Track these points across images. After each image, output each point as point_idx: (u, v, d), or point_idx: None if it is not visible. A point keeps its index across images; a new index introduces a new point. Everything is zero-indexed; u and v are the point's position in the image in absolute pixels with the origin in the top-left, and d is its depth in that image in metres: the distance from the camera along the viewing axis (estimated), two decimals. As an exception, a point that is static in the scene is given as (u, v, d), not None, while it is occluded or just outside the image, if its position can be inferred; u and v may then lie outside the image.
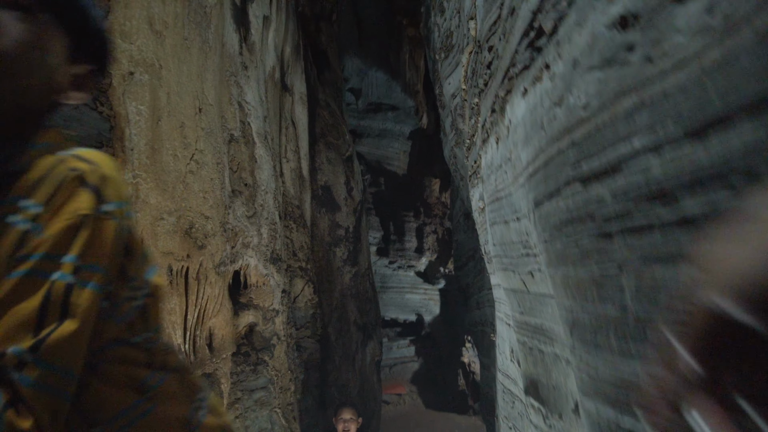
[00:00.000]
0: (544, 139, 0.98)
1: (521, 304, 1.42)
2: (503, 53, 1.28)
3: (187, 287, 3.12)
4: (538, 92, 1.01)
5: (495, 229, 1.53)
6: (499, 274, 1.65)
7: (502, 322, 2.32)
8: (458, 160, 4.95)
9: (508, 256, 1.45)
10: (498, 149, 1.37)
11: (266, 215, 4.12)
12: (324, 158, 6.31)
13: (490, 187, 1.55)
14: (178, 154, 3.12)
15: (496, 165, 1.42)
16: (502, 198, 1.40)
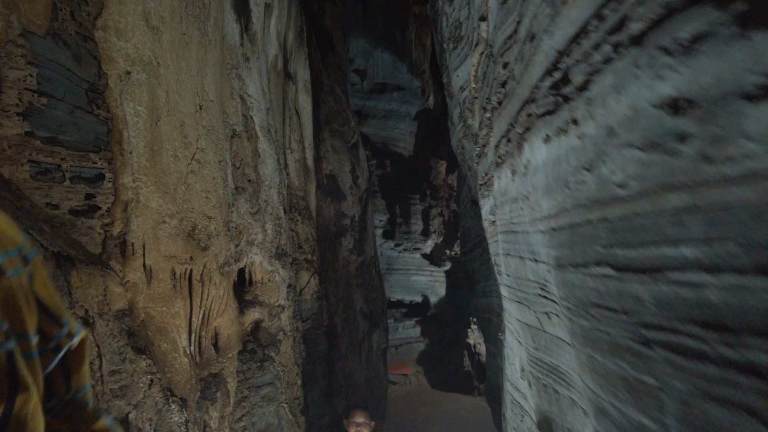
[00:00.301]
0: (570, 199, 0.89)
1: (535, 339, 1.36)
2: (521, 80, 1.18)
3: (191, 290, 3.08)
4: (563, 146, 0.92)
5: (509, 261, 1.46)
6: (512, 304, 1.58)
7: (512, 335, 2.26)
8: (466, 151, 4.83)
9: (523, 291, 1.38)
10: (514, 182, 1.28)
11: (270, 211, 4.05)
12: (329, 146, 6.20)
13: (503, 216, 1.47)
14: (179, 155, 3.04)
15: (511, 197, 1.34)
16: (518, 233, 1.32)
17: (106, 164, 2.65)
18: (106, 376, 2.43)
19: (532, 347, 1.41)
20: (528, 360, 1.50)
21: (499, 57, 1.49)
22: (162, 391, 2.75)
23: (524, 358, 1.78)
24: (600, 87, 0.76)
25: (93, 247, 2.57)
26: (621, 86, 0.69)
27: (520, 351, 1.99)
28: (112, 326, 2.54)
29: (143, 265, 2.76)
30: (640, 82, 0.65)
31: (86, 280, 2.36)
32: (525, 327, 1.45)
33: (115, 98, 2.69)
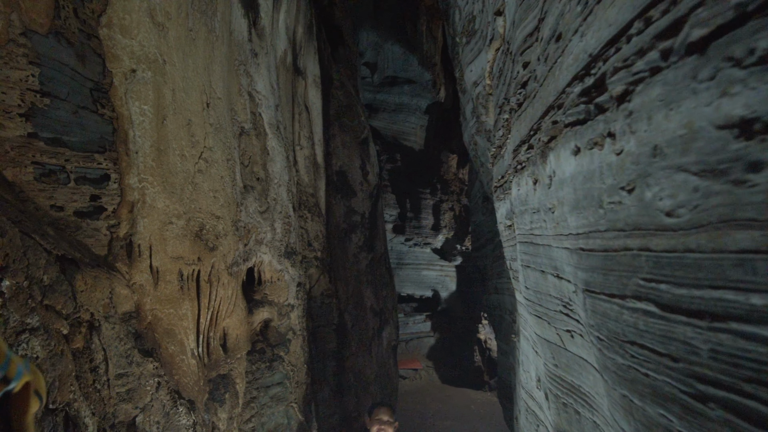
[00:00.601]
0: (604, 221, 0.81)
1: (555, 356, 1.28)
2: (544, 82, 1.09)
3: (199, 291, 3.04)
4: (596, 161, 0.83)
5: (528, 273, 1.37)
6: (530, 317, 1.49)
7: (527, 342, 2.18)
8: (479, 147, 4.73)
9: (543, 306, 1.29)
10: (536, 192, 1.19)
11: (280, 209, 3.99)
12: (339, 142, 6.12)
13: (523, 226, 1.39)
14: (186, 154, 2.98)
15: (532, 207, 1.25)
16: (539, 246, 1.23)
17: (111, 165, 2.60)
18: (113, 379, 2.40)
19: (552, 363, 1.34)
20: (546, 375, 1.43)
21: (519, 56, 1.40)
22: (169, 394, 2.72)
23: (542, 370, 1.70)
24: (644, 99, 0.67)
25: (99, 249, 2.53)
26: (672, 101, 0.60)
27: (537, 361, 1.91)
28: (119, 329, 2.50)
29: (150, 267, 2.72)
30: (698, 98, 0.56)
31: (92, 283, 2.32)
32: (544, 342, 1.38)
33: (120, 97, 2.64)
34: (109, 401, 2.37)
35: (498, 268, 6.53)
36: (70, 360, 2.05)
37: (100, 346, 2.35)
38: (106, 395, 2.34)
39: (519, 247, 1.50)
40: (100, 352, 2.34)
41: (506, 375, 6.50)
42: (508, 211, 1.94)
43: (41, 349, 1.83)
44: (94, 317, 2.34)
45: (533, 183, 1.22)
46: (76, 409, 1.96)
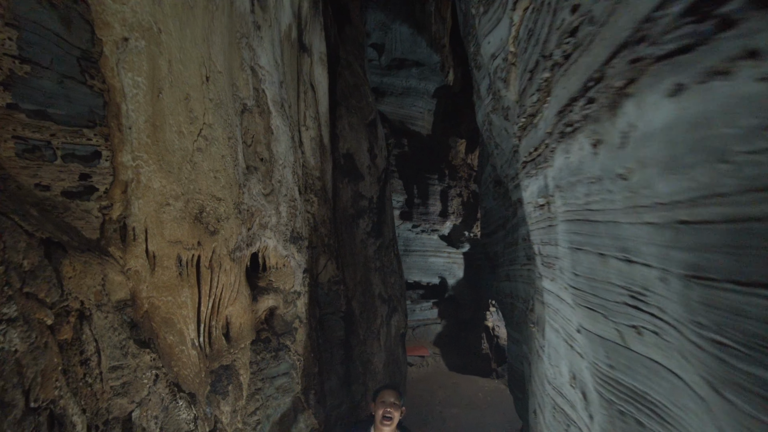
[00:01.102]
0: (730, 180, 0.59)
1: (611, 355, 1.08)
2: (609, 19, 0.88)
3: (200, 277, 2.86)
4: (718, 96, 0.61)
5: (579, 257, 1.17)
6: (578, 309, 1.29)
7: (557, 335, 1.97)
8: (494, 127, 4.48)
9: (598, 296, 1.09)
10: (597, 156, 0.98)
11: (285, 192, 3.79)
12: (346, 124, 5.89)
13: (574, 200, 1.17)
14: (184, 131, 2.78)
15: (589, 175, 1.04)
16: (598, 223, 1.02)
17: (102, 141, 2.40)
18: (106, 372, 2.23)
19: (604, 363, 1.13)
20: (595, 375, 1.23)
21: (563, 1, 1.18)
22: (168, 387, 2.55)
23: (583, 368, 1.50)
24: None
25: (90, 232, 2.34)
26: None
27: (571, 357, 1.71)
28: (112, 318, 2.32)
29: (146, 252, 2.53)
30: None
31: (81, 269, 2.14)
32: (594, 338, 1.17)
33: (111, 68, 2.43)
34: (102, 396, 2.20)
35: (510, 254, 6.32)
36: (56, 353, 1.87)
37: (92, 337, 2.18)
38: (98, 389, 2.17)
39: (563, 227, 1.28)
40: (91, 343, 2.17)
41: (518, 365, 6.32)
42: (541, 188, 1.72)
43: (20, 341, 1.65)
44: (85, 306, 2.16)
45: (592, 146, 1.01)
46: (62, 406, 1.79)
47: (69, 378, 1.96)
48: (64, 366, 1.93)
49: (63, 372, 1.90)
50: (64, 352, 1.96)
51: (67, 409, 1.81)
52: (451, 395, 12.64)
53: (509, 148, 4.42)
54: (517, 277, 5.79)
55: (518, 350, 6.17)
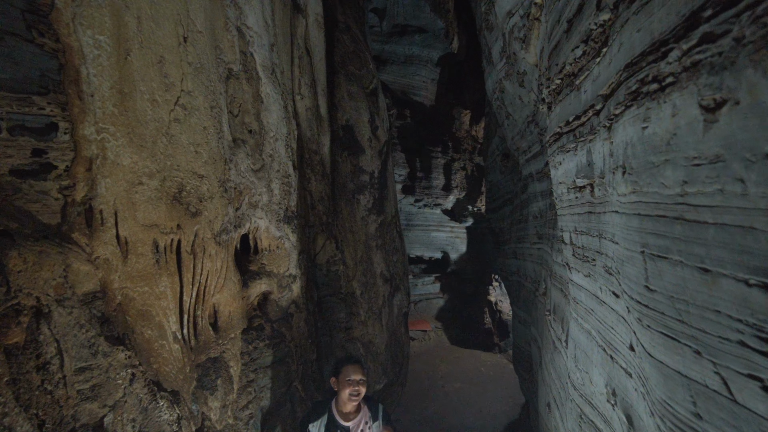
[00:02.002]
0: None
1: (701, 404, 0.79)
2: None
3: (181, 264, 2.57)
4: None
5: (661, 267, 0.86)
6: (643, 330, 0.99)
7: (590, 339, 1.68)
8: (506, 95, 4.11)
9: (691, 324, 0.79)
10: (715, 126, 0.68)
11: (277, 167, 3.46)
12: (344, 92, 5.49)
13: (658, 188, 0.86)
14: (158, 99, 2.43)
15: (695, 154, 0.73)
16: (708, 225, 0.71)
17: (58, 111, 2.06)
18: (71, 376, 1.96)
19: (686, 409, 0.84)
20: (664, 417, 0.93)
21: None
22: (147, 386, 2.29)
23: (631, 391, 1.22)
24: None
25: (48, 216, 2.03)
26: None
27: (612, 371, 1.42)
28: (78, 314, 2.04)
29: (116, 237, 2.23)
30: None
31: (35, 261, 1.84)
32: (671, 374, 0.88)
33: (66, 24, 2.07)
34: (66, 402, 1.93)
35: (519, 232, 6.02)
36: (0, 362, 1.59)
37: (52, 337, 1.90)
38: (61, 396, 1.91)
39: (631, 223, 0.97)
40: (51, 344, 1.89)
41: (524, 345, 6.11)
42: (581, 166, 1.40)
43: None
44: (42, 302, 1.87)
45: (707, 109, 0.69)
46: (8, 425, 1.52)
47: (20, 389, 1.68)
48: (13, 375, 1.66)
49: (10, 383, 1.63)
50: (13, 358, 1.68)
51: (14, 428, 1.54)
52: (453, 369, 12.58)
53: (523, 118, 4.06)
54: (526, 256, 5.51)
55: (525, 331, 5.94)
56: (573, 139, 1.45)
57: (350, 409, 2.71)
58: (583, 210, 1.48)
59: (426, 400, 9.92)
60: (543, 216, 4.32)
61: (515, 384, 10.64)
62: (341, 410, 2.71)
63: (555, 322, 2.92)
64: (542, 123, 3.57)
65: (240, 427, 2.99)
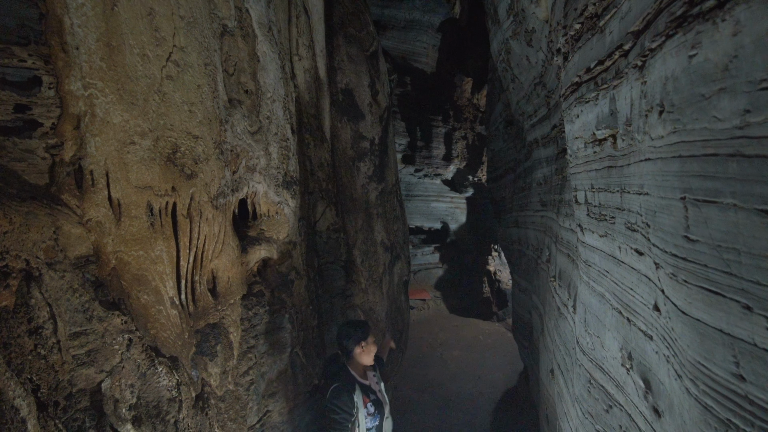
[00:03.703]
0: None
1: (745, 363, 0.71)
2: None
3: (177, 228, 2.48)
4: None
5: (707, 213, 0.74)
6: (677, 286, 0.90)
7: (602, 301, 1.62)
8: (513, 56, 3.95)
9: (743, 277, 0.71)
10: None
11: (275, 130, 3.34)
12: (344, 55, 5.31)
13: (708, 124, 0.75)
14: (149, 54, 2.30)
15: (736, 80, 0.63)
16: (754, 160, 0.62)
17: (41, 64, 1.94)
18: (66, 340, 1.90)
19: (725, 370, 0.77)
20: (696, 379, 0.86)
21: None
22: (144, 352, 2.25)
23: (651, 354, 1.15)
24: None
25: (35, 177, 1.94)
26: None
27: (628, 333, 1.37)
28: (71, 278, 1.96)
29: (108, 199, 2.14)
30: None
31: (21, 222, 1.76)
32: (710, 332, 0.80)
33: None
34: (62, 368, 1.88)
35: (521, 200, 5.94)
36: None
37: (44, 301, 1.83)
38: (56, 361, 1.85)
39: (666, 168, 0.87)
40: (43, 308, 1.82)
41: (524, 314, 6.11)
42: (603, 116, 1.30)
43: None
44: (31, 265, 1.80)
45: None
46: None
47: (11, 353, 1.62)
48: (3, 339, 1.59)
49: (1, 347, 1.57)
50: (3, 322, 1.62)
51: (6, 392, 1.49)
52: (451, 337, 12.72)
53: (529, 81, 3.92)
54: (528, 224, 5.44)
55: (526, 299, 5.94)
56: (594, 88, 1.35)
57: (368, 365, 3.15)
58: (601, 165, 1.39)
59: (425, 368, 10.05)
60: (548, 182, 4.22)
61: (513, 352, 10.77)
62: (358, 371, 3.08)
63: (560, 288, 2.87)
64: (550, 84, 3.43)
65: (241, 393, 2.97)
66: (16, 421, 1.49)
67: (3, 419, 1.42)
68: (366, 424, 2.91)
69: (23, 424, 1.51)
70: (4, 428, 1.40)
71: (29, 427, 1.53)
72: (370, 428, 2.95)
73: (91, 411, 1.98)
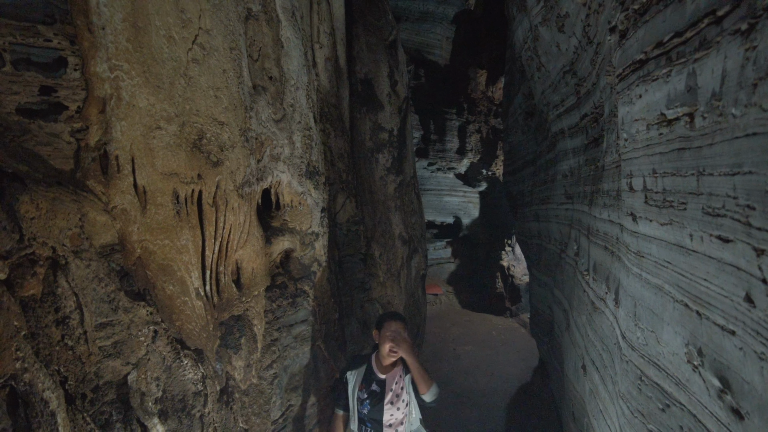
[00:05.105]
0: None
1: None
2: None
3: (202, 216, 2.41)
4: None
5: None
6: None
7: (659, 293, 1.52)
8: (541, 44, 3.82)
9: None
10: None
11: (298, 118, 3.26)
12: (363, 44, 5.20)
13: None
14: (175, 36, 2.22)
15: None
16: None
17: (67, 44, 1.87)
18: (92, 331, 1.84)
19: None
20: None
21: None
22: (170, 344, 2.18)
23: (732, 351, 1.06)
24: None
25: (60, 161, 1.87)
26: None
27: (696, 328, 1.27)
28: (96, 267, 1.90)
29: (134, 186, 2.07)
30: None
31: (48, 208, 1.69)
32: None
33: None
34: (88, 359, 1.82)
35: (542, 193, 5.81)
36: (17, 314, 1.46)
37: (70, 291, 1.76)
38: (83, 352, 1.79)
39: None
40: (70, 297, 1.76)
41: (544, 308, 6.00)
42: (677, 93, 1.19)
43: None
44: (58, 253, 1.73)
45: None
46: (28, 381, 1.40)
47: (39, 343, 1.56)
48: (31, 329, 1.53)
49: (29, 337, 1.50)
50: (31, 312, 1.55)
51: (35, 384, 1.42)
52: (464, 332, 12.65)
53: (558, 69, 3.79)
54: (551, 217, 5.32)
55: (545, 294, 5.82)
56: (665, 63, 1.24)
57: (388, 362, 2.88)
58: (669, 148, 1.28)
59: (438, 362, 9.99)
60: (574, 174, 4.10)
61: (527, 348, 10.66)
62: (380, 362, 2.90)
63: (595, 281, 2.76)
64: (582, 72, 3.31)
65: (264, 387, 2.91)
66: (45, 414, 1.43)
67: (33, 412, 1.36)
68: (357, 406, 2.89)
69: (53, 417, 1.45)
70: (34, 422, 1.34)
71: (59, 420, 1.47)
72: (362, 413, 2.87)
73: (118, 404, 1.92)
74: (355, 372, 2.96)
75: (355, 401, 2.89)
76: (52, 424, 1.44)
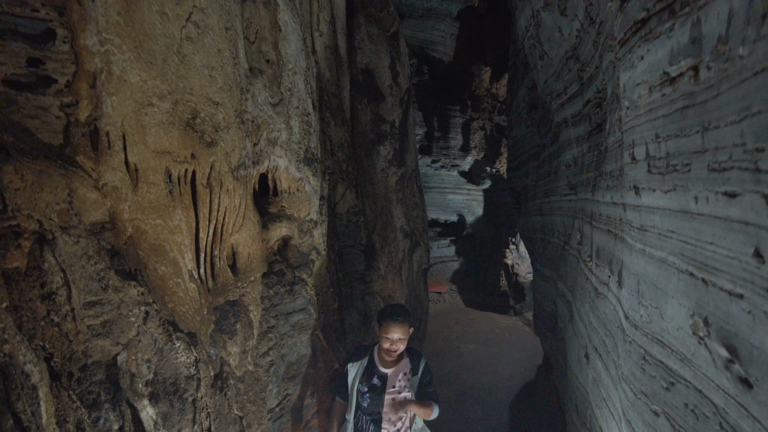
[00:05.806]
0: None
1: None
2: None
3: (196, 197, 2.37)
4: None
5: None
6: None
7: (663, 266, 1.47)
8: (543, 29, 3.77)
9: None
10: None
11: (296, 103, 3.21)
12: (364, 34, 5.15)
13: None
14: (168, 12, 2.18)
15: None
16: None
17: (55, 15, 1.82)
18: (80, 309, 1.80)
19: None
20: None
21: None
22: (162, 326, 2.14)
23: (736, 316, 1.01)
24: None
25: (48, 136, 1.83)
26: None
27: (702, 298, 1.21)
28: (85, 244, 1.86)
29: (125, 163, 2.03)
30: None
31: (34, 180, 1.65)
32: None
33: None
34: (76, 337, 1.78)
35: (546, 186, 5.74)
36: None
37: (57, 266, 1.72)
38: (70, 330, 1.75)
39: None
40: (57, 273, 1.72)
41: (548, 303, 5.93)
42: (681, 47, 1.13)
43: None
44: (45, 227, 1.69)
45: None
46: (8, 352, 1.35)
47: (22, 317, 1.52)
48: (14, 302, 1.49)
49: (11, 309, 1.46)
50: (14, 284, 1.51)
51: (16, 356, 1.38)
52: (467, 330, 12.60)
53: (560, 55, 3.73)
54: (554, 210, 5.25)
55: (549, 288, 5.75)
56: (668, 17, 1.18)
57: (389, 360, 2.85)
58: (672, 108, 1.23)
59: (442, 360, 9.93)
60: (578, 163, 4.04)
61: (531, 346, 10.58)
62: (382, 356, 2.85)
63: (598, 267, 2.70)
64: (584, 56, 3.25)
65: (260, 375, 2.87)
66: (26, 387, 1.38)
67: (13, 384, 1.32)
68: (357, 399, 2.86)
69: (34, 391, 1.41)
70: (13, 393, 1.30)
71: (41, 394, 1.43)
72: (361, 406, 2.84)
73: (107, 384, 1.88)
74: (356, 364, 2.92)
75: (355, 393, 2.85)
76: (33, 397, 1.39)
